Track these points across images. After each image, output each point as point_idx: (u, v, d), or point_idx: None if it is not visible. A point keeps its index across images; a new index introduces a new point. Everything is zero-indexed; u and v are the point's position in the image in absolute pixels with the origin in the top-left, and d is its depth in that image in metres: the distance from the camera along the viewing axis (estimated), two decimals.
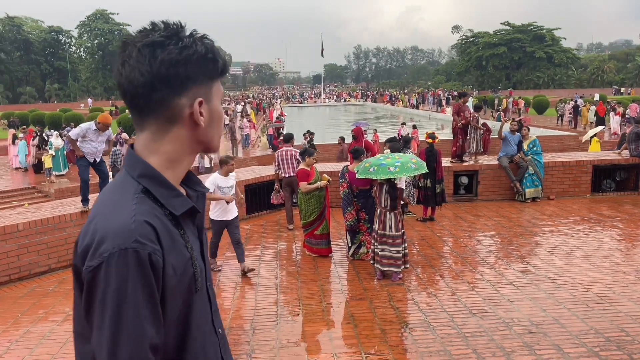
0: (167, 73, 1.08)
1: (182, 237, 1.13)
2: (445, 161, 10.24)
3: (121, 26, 69.99)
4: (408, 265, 6.24)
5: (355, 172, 6.36)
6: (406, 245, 6.21)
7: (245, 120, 24.73)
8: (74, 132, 7.17)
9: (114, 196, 1.11)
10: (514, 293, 5.66)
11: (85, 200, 7.28)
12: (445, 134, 20.35)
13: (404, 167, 5.86)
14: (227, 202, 6.32)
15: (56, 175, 16.40)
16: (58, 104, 57.70)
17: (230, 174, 6.49)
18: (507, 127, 10.32)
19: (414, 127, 21.58)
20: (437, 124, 33.87)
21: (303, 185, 6.91)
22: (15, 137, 19.26)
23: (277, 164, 8.40)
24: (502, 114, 30.76)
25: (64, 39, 75.70)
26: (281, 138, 12.58)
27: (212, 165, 15.97)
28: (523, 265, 6.52)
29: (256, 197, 9.13)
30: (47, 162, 16.25)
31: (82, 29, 69.91)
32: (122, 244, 1.00)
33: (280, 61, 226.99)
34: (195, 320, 1.16)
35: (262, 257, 7.11)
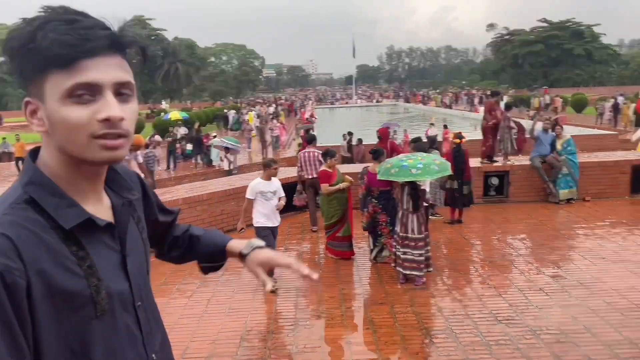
0: (10, 66, 0.98)
1: (73, 253, 0.97)
2: (475, 161, 9.97)
3: (158, 31, 71.61)
4: (432, 269, 6.06)
5: (376, 173, 6.22)
6: (429, 248, 6.03)
7: (275, 121, 24.85)
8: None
9: None
10: (544, 300, 5.40)
11: None
12: (477, 134, 19.86)
13: (427, 169, 5.67)
14: (238, 230, 6.18)
15: None
16: None
17: (273, 178, 6.15)
18: (539, 126, 9.95)
19: (445, 127, 21.04)
20: (471, 124, 33.18)
21: (324, 187, 6.81)
22: None
23: (299, 165, 8.34)
24: (538, 113, 29.88)
25: None
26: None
27: (232, 167, 15.64)
28: (554, 270, 6.23)
29: None
30: None
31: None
32: None
33: (312, 63, 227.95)
34: (97, 349, 1.01)
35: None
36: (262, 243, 1.39)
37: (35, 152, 1.05)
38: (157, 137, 18.75)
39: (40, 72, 0.93)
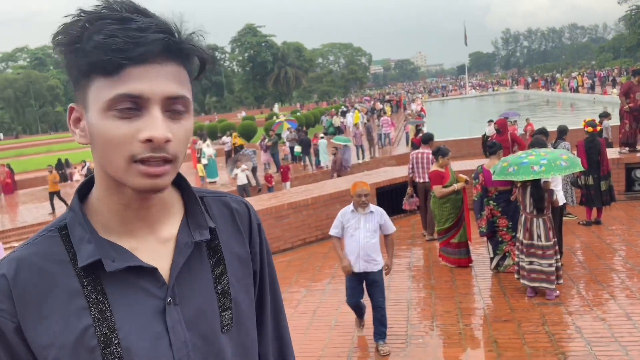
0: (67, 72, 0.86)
1: (86, 296, 0.84)
2: (614, 152, 8.66)
3: (267, 37, 74.49)
4: (562, 281, 5.22)
5: (492, 171, 5.51)
6: (560, 257, 5.20)
7: (384, 117, 24.30)
8: (333, 229, 4.62)
9: None
10: None
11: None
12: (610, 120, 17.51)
13: (552, 166, 4.85)
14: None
15: (209, 182, 17.70)
16: (217, 115, 63.43)
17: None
18: None
19: (514, 121, 16.09)
20: (603, 108, 29.76)
21: (437, 189, 6.23)
22: None
23: (411, 166, 7.78)
24: None
25: (220, 55, 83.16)
26: (419, 136, 11.83)
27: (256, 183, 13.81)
28: None
29: (388, 200, 8.62)
30: (200, 171, 17.60)
31: (234, 44, 75.88)
32: None
33: (421, 55, 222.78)
34: None
35: (392, 268, 6.58)
36: None
37: None
38: (267, 141, 19.24)
39: (85, 76, 0.81)
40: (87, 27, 0.78)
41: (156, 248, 0.91)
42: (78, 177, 23.63)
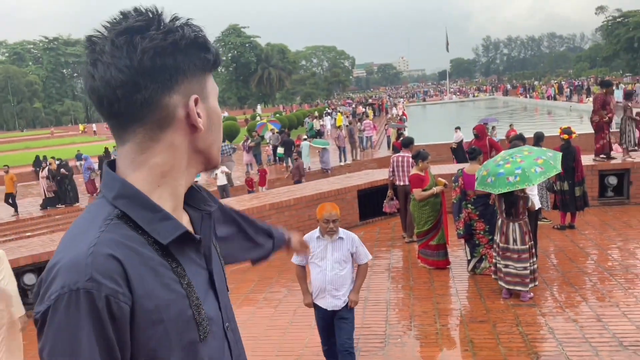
0: (152, 65, 0.86)
1: (173, 270, 0.90)
2: (588, 159, 8.90)
3: (251, 38, 74.27)
4: (537, 283, 5.37)
5: (472, 174, 5.64)
6: (535, 260, 5.35)
7: (367, 121, 24.43)
8: (295, 257, 3.90)
9: (81, 224, 0.89)
10: None
11: None
12: (584, 127, 17.97)
13: (526, 175, 4.96)
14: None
15: None
16: None
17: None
18: None
19: (492, 128, 17.11)
20: (579, 116, 30.47)
21: (417, 192, 6.34)
22: None
23: (391, 169, 7.89)
24: None
25: None
26: (400, 139, 11.98)
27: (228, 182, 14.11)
28: None
29: (369, 203, 8.72)
30: None
31: (218, 44, 75.35)
32: (72, 284, 0.78)
33: (404, 60, 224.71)
34: None
35: (372, 268, 6.68)
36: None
37: (113, 163, 0.96)
38: (249, 142, 19.21)
39: (207, 71, 0.96)
40: (202, 33, 0.94)
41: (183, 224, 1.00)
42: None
